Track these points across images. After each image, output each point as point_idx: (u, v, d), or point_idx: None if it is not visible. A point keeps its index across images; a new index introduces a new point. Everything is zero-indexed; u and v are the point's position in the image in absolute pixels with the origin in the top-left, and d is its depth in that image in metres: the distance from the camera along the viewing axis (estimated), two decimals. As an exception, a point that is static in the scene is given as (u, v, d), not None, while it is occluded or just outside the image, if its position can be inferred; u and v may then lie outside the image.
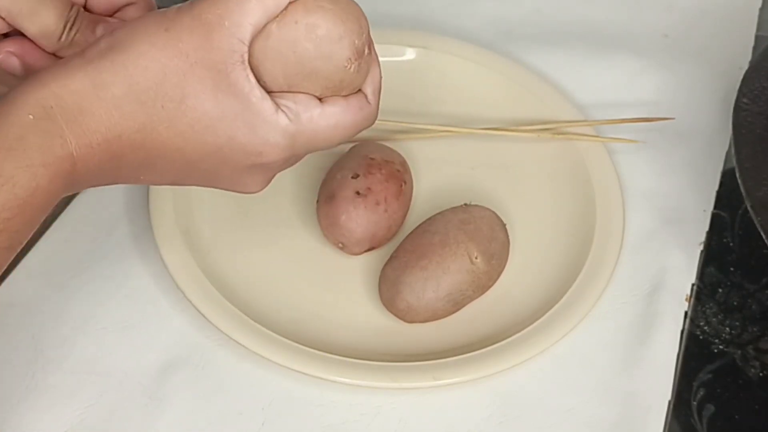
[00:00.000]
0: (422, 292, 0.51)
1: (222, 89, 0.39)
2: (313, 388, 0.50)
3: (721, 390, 0.52)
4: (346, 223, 0.54)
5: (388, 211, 0.54)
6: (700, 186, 0.61)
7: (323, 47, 0.39)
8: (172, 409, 0.49)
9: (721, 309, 0.55)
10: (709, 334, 0.54)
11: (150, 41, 0.38)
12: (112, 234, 0.57)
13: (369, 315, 0.54)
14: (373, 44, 0.42)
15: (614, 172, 0.60)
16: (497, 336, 0.52)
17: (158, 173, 0.41)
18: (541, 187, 0.61)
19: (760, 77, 0.59)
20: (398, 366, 0.50)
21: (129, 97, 0.38)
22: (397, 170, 0.56)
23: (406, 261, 0.52)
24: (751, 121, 0.57)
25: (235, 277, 0.54)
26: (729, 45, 0.70)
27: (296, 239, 0.57)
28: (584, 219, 0.58)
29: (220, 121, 0.39)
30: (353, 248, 0.55)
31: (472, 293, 0.52)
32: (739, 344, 0.54)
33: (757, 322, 0.55)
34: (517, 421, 0.50)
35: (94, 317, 0.53)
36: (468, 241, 0.52)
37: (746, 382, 0.52)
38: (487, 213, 0.54)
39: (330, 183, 0.55)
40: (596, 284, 0.54)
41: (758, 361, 0.53)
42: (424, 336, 0.53)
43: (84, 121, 0.38)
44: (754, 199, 0.52)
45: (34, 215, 0.38)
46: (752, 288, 0.56)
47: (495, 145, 0.63)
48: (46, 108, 0.37)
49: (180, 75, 0.38)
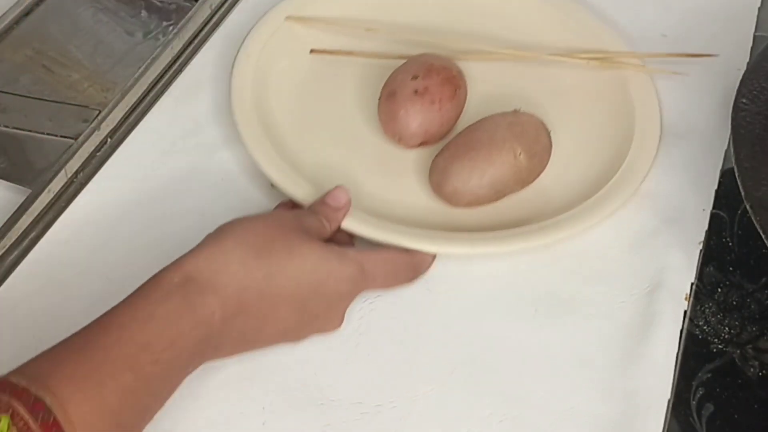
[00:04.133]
0: (468, 179, 0.57)
1: (314, 241, 0.50)
2: (312, 389, 0.50)
3: (720, 389, 0.52)
4: (403, 118, 0.60)
5: (441, 110, 0.60)
6: (699, 185, 0.61)
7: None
8: (172, 409, 0.49)
9: (720, 309, 0.55)
10: (709, 333, 0.54)
11: (252, 219, 0.51)
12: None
13: (418, 198, 0.60)
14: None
15: (656, 99, 0.65)
16: (531, 220, 0.57)
17: (280, 320, 0.49)
18: (587, 108, 0.67)
19: (759, 77, 0.59)
20: (441, 233, 0.56)
21: (250, 255, 0.47)
22: (453, 76, 0.62)
23: (456, 152, 0.58)
24: (750, 121, 0.57)
25: (305, 162, 0.61)
26: (728, 45, 0.70)
27: (358, 133, 0.64)
28: (623, 135, 0.63)
29: (320, 261, 0.49)
30: (408, 141, 0.61)
31: (514, 185, 0.58)
32: (738, 344, 0.54)
33: (756, 321, 0.55)
34: (517, 421, 0.50)
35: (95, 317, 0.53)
36: (513, 139, 0.57)
37: (745, 382, 0.52)
38: (533, 119, 0.60)
39: (392, 83, 0.62)
40: (626, 189, 0.59)
41: (757, 360, 0.53)
42: (466, 218, 0.58)
43: (218, 279, 0.46)
44: (753, 198, 0.52)
45: (179, 358, 0.45)
46: (751, 288, 0.57)
47: (547, 70, 0.68)
48: (186, 272, 0.46)
49: (284, 234, 0.49)
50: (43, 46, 0.70)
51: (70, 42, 0.71)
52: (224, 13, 0.74)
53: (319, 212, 0.54)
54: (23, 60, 0.69)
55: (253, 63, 0.66)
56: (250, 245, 0.48)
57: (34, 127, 0.64)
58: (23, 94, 0.66)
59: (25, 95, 0.66)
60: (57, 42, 0.71)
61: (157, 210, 0.59)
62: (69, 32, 0.72)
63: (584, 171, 0.62)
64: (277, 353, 0.52)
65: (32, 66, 0.69)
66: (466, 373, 0.52)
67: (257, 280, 0.47)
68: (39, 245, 0.57)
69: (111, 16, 0.73)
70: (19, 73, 0.68)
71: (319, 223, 0.53)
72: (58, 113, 0.65)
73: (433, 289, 0.56)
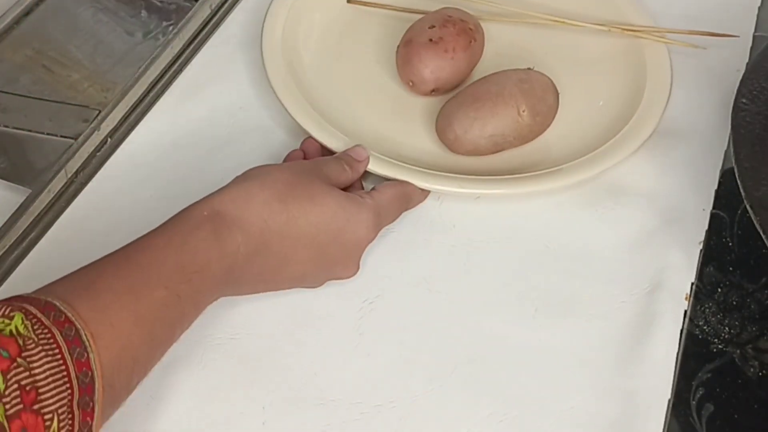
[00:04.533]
0: (469, 128, 0.59)
1: (334, 190, 0.53)
2: (312, 389, 0.50)
3: (720, 389, 0.52)
4: (417, 64, 0.63)
5: (454, 59, 0.63)
6: (699, 185, 0.61)
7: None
8: (172, 408, 0.50)
9: (720, 308, 0.55)
10: (709, 333, 0.54)
11: (276, 166, 0.54)
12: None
13: (423, 142, 0.64)
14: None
15: (669, 70, 0.66)
16: (528, 170, 0.60)
17: (299, 263, 0.51)
18: (601, 74, 0.69)
19: (759, 77, 0.59)
20: (437, 174, 0.59)
21: (273, 198, 0.50)
22: (469, 28, 0.64)
23: (463, 101, 0.60)
24: (750, 121, 0.57)
25: (323, 99, 0.65)
26: (728, 45, 0.70)
27: (375, 77, 0.68)
28: (630, 104, 0.65)
29: (339, 209, 0.52)
30: (420, 86, 0.64)
31: (513, 140, 0.61)
32: (738, 344, 0.54)
33: (756, 321, 0.55)
34: (517, 421, 0.50)
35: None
36: (520, 95, 0.59)
37: (745, 382, 0.52)
38: (544, 78, 0.62)
39: (410, 32, 0.65)
40: (622, 151, 0.61)
41: (757, 360, 0.53)
42: (465, 164, 0.61)
43: (243, 216, 0.49)
44: (753, 198, 0.52)
45: (205, 282, 0.47)
46: (751, 287, 0.57)
47: (566, 35, 0.71)
48: (215, 208, 0.49)
49: (306, 181, 0.52)
50: (43, 46, 0.70)
51: (70, 42, 0.71)
52: (224, 13, 0.74)
53: (343, 159, 0.57)
54: (23, 60, 0.69)
55: (287, 10, 0.70)
56: (275, 190, 0.50)
57: (34, 127, 0.64)
58: (23, 94, 0.66)
59: (26, 95, 0.66)
60: (57, 42, 0.71)
61: (159, 211, 0.59)
62: (69, 32, 0.72)
63: (587, 131, 0.64)
64: (278, 354, 0.52)
65: (32, 66, 0.69)
66: (466, 373, 0.52)
67: (279, 223, 0.50)
68: (39, 245, 0.57)
69: (111, 16, 0.73)
70: (19, 73, 0.68)
71: (341, 168, 0.56)
72: (58, 113, 0.65)
73: (433, 289, 0.56)
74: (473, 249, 0.58)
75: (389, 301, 0.55)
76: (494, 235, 0.59)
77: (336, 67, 0.69)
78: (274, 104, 0.65)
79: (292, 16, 0.70)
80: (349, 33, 0.72)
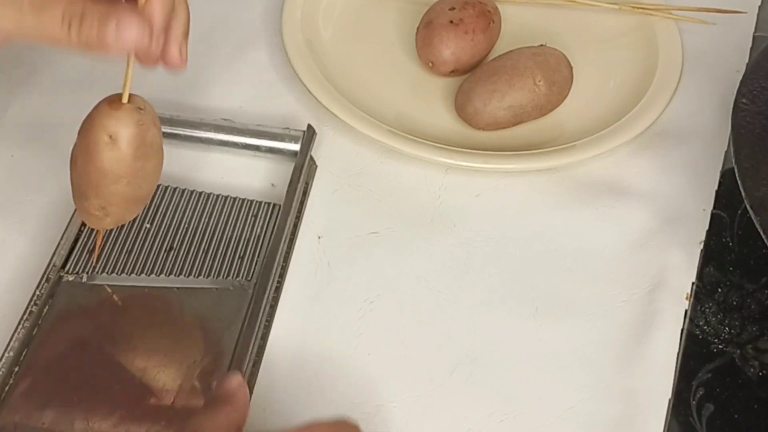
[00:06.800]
0: (488, 101, 0.61)
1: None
2: (313, 389, 0.50)
3: (720, 389, 0.52)
4: (437, 45, 0.65)
5: (474, 41, 0.65)
6: (699, 185, 0.61)
7: None
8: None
9: (720, 308, 0.55)
10: (709, 333, 0.54)
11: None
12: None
13: (443, 120, 0.65)
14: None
15: (680, 47, 0.69)
16: (545, 146, 0.62)
17: None
18: (613, 50, 0.71)
19: (759, 77, 0.59)
20: (462, 150, 0.61)
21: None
22: (488, 11, 0.66)
23: (481, 77, 0.63)
24: (750, 121, 0.57)
25: (343, 79, 0.66)
26: (728, 45, 0.70)
27: (395, 58, 0.70)
28: (643, 77, 0.67)
29: None
30: (440, 68, 0.66)
31: (531, 110, 0.62)
32: (739, 344, 0.54)
33: (756, 321, 0.55)
34: (517, 420, 0.50)
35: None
36: (535, 67, 0.62)
37: (745, 382, 0.52)
38: (556, 52, 0.64)
39: (430, 13, 0.67)
40: (638, 125, 0.63)
41: (757, 360, 0.53)
42: (485, 142, 0.63)
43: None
44: (753, 198, 0.52)
45: None
46: (751, 287, 0.57)
47: (578, 15, 0.73)
48: None
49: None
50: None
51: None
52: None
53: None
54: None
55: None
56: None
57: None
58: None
59: (25, 95, 0.66)
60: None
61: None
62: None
63: (603, 106, 0.66)
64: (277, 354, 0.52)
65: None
66: (467, 373, 0.52)
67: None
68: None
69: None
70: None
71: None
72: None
73: (433, 289, 0.56)
74: (473, 248, 0.58)
75: (389, 301, 0.55)
76: (494, 235, 0.59)
77: (355, 47, 0.70)
78: (297, 85, 0.65)
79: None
80: (368, 14, 0.73)
